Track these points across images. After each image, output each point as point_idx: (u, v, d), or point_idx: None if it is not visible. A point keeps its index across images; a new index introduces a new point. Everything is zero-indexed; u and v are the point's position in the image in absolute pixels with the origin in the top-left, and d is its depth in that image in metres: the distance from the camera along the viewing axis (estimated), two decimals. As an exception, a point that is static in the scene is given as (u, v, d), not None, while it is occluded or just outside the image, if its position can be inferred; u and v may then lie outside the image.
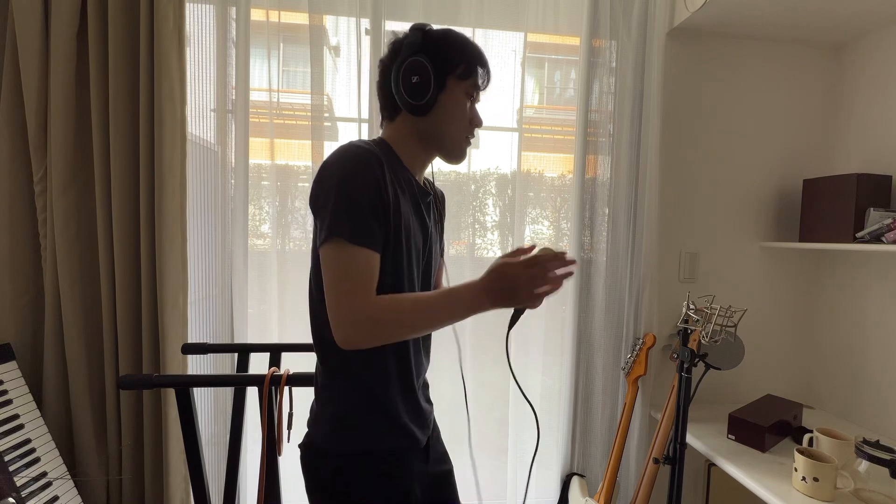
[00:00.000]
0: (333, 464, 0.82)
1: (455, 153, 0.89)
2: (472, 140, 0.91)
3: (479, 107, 0.91)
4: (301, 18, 1.47)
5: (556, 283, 0.76)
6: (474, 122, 0.89)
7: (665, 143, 1.64)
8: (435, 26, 0.86)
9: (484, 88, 0.90)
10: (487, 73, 0.89)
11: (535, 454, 0.98)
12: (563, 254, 0.77)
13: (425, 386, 0.96)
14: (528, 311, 0.85)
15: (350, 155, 0.76)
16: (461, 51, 0.84)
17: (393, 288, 0.81)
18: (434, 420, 0.99)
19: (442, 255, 1.04)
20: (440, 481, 0.97)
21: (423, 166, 0.92)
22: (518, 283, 0.75)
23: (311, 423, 0.86)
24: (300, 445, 0.86)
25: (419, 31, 0.83)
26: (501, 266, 0.76)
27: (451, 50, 0.84)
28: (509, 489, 1.67)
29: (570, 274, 0.78)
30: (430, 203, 0.93)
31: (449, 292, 0.77)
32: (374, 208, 0.75)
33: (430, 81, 0.80)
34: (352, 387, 0.83)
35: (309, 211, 1.51)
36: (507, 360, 0.89)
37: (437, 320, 0.77)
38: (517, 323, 0.86)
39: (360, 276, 0.74)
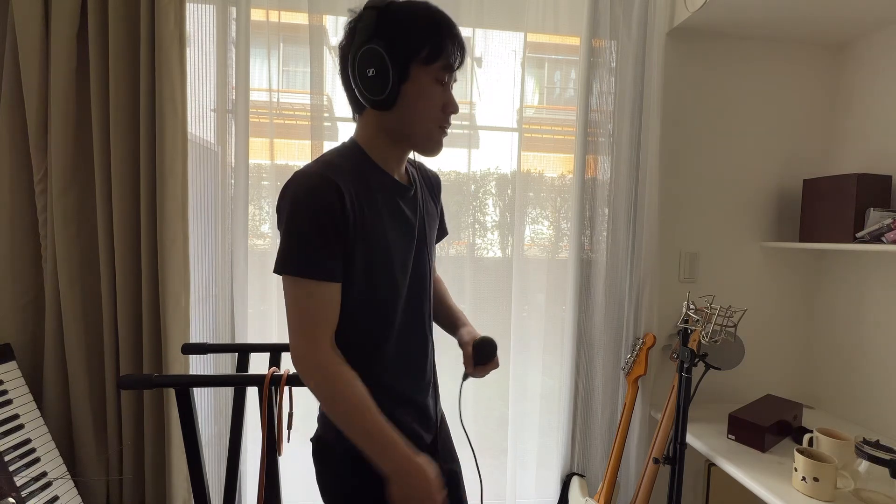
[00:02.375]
0: (341, 459, 0.83)
1: (428, 147, 0.81)
2: (447, 129, 0.81)
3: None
4: (301, 18, 1.47)
5: None
6: (448, 108, 0.78)
7: (665, 143, 1.64)
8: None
9: (458, 67, 0.78)
10: (460, 48, 0.76)
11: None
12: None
13: (433, 384, 0.96)
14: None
15: (300, 184, 0.72)
16: (424, 31, 0.72)
17: (385, 303, 0.80)
18: (443, 416, 1.00)
19: (441, 239, 1.04)
20: (448, 480, 0.96)
21: (400, 162, 0.85)
22: (424, 497, 0.72)
23: (321, 418, 0.87)
24: (312, 439, 0.87)
25: (373, 9, 0.72)
26: (418, 471, 0.72)
27: (411, 31, 0.72)
28: (509, 489, 1.67)
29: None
30: (414, 196, 0.87)
31: (384, 439, 0.72)
32: (328, 240, 0.71)
33: (388, 73, 0.70)
34: None
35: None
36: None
37: (355, 436, 0.73)
38: None
39: (316, 315, 0.72)
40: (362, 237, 0.75)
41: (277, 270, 0.73)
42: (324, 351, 0.72)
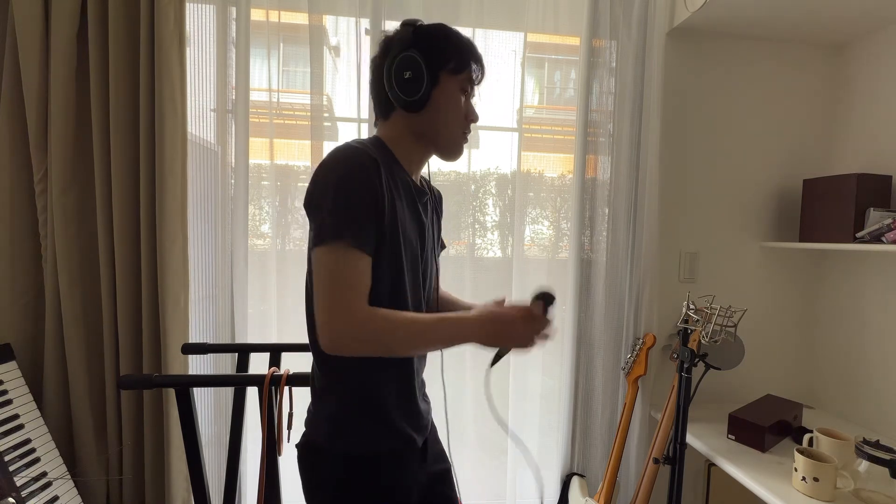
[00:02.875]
0: (330, 464, 0.82)
1: (451, 150, 0.88)
2: (468, 136, 0.90)
3: (479, 105, 0.91)
4: (301, 18, 1.47)
5: (542, 340, 0.82)
6: (469, 116, 0.88)
7: (665, 143, 1.64)
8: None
9: (478, 83, 0.89)
10: (481, 67, 0.88)
11: None
12: (549, 321, 0.83)
13: (422, 384, 0.96)
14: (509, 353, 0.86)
15: (346, 156, 0.75)
16: (453, 45, 0.83)
17: (392, 294, 0.80)
18: (431, 419, 0.99)
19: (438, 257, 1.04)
20: (438, 480, 0.97)
21: (420, 165, 0.90)
22: (514, 330, 0.79)
23: (309, 423, 0.86)
24: (298, 445, 0.86)
25: (410, 26, 0.82)
26: (497, 311, 0.79)
27: (443, 44, 0.82)
28: (509, 489, 1.67)
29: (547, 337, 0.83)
30: (427, 202, 0.92)
31: (444, 319, 0.77)
32: (369, 212, 0.74)
33: (422, 77, 0.79)
34: (348, 389, 0.82)
35: (307, 211, 1.52)
36: (486, 393, 0.94)
37: (427, 343, 0.78)
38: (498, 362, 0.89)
39: (353, 281, 0.73)
40: (389, 223, 0.78)
41: (317, 243, 0.73)
42: (362, 309, 0.73)
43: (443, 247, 1.06)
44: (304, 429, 0.86)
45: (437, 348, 0.80)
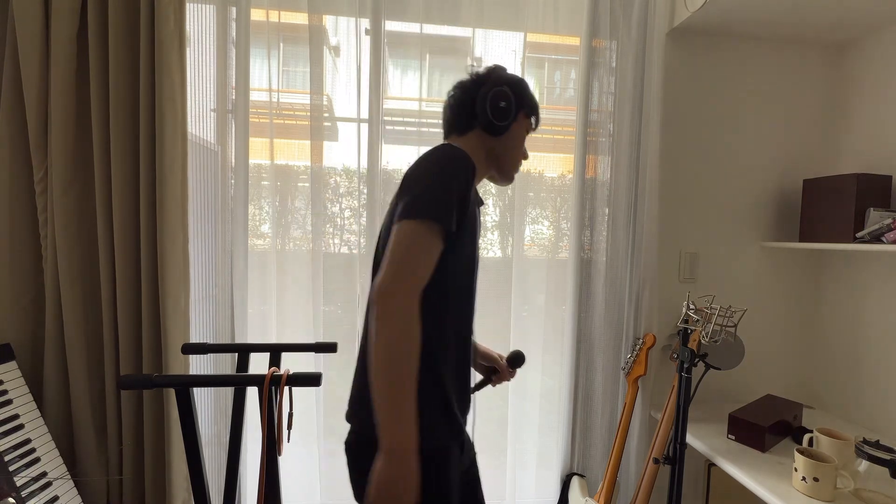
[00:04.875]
0: None
1: (509, 175, 1.03)
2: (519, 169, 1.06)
3: None
4: (301, 18, 1.47)
5: None
6: (525, 154, 1.05)
7: (665, 143, 1.64)
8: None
9: (535, 129, 1.06)
10: (538, 120, 1.05)
11: None
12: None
13: None
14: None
15: (455, 154, 0.85)
16: (530, 95, 1.01)
17: (467, 289, 0.90)
18: None
19: None
20: (471, 466, 1.02)
21: (480, 180, 1.03)
22: (395, 494, 0.72)
23: (356, 415, 0.87)
24: (348, 442, 0.88)
25: (502, 68, 1.00)
26: (402, 474, 0.72)
27: (526, 91, 1.00)
28: (509, 489, 1.67)
29: None
30: (481, 214, 1.04)
31: (403, 413, 0.73)
32: (458, 208, 0.82)
33: (511, 108, 0.95)
34: (419, 377, 0.83)
35: (309, 210, 1.53)
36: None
37: (390, 390, 0.73)
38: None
39: (420, 262, 0.78)
40: (470, 224, 0.88)
41: (405, 216, 0.78)
42: (414, 298, 0.76)
43: None
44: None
45: (380, 402, 0.74)
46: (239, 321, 1.49)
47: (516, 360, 1.14)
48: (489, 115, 0.94)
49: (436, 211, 0.78)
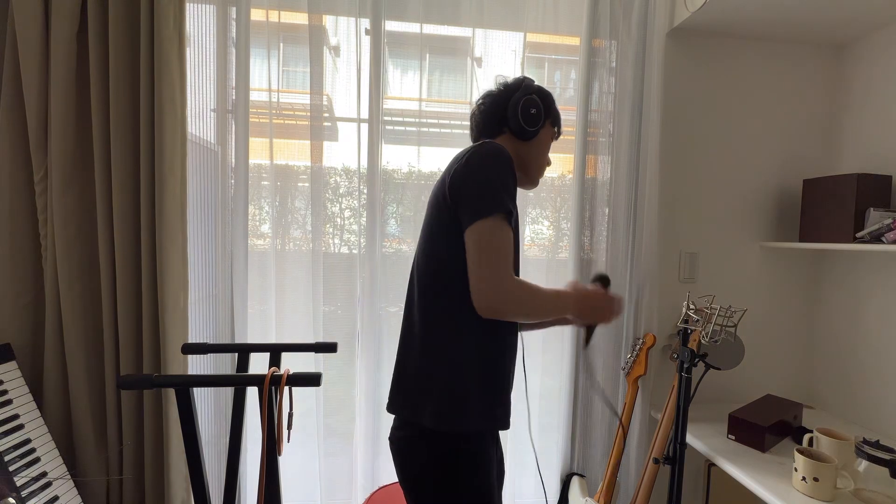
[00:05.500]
0: (444, 447, 0.88)
1: (534, 179, 1.09)
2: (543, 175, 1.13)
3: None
4: (301, 18, 1.47)
5: (618, 316, 1.02)
6: (549, 160, 1.10)
7: (665, 143, 1.64)
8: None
9: (557, 138, 1.12)
10: (560, 132, 1.11)
11: None
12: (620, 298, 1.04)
13: None
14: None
15: (498, 149, 0.90)
16: (556, 107, 1.07)
17: (516, 270, 0.96)
18: None
19: None
20: (500, 462, 1.05)
21: None
22: (602, 307, 0.97)
23: (413, 406, 0.90)
24: (398, 442, 0.92)
25: (531, 80, 1.05)
26: (590, 291, 0.97)
27: (551, 101, 1.06)
28: (508, 489, 1.67)
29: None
30: None
31: (559, 292, 0.92)
32: (513, 198, 0.90)
33: (541, 115, 1.01)
34: (475, 364, 0.90)
35: (309, 211, 1.53)
36: (590, 373, 1.08)
37: (549, 311, 0.89)
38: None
39: (506, 251, 0.85)
40: (515, 216, 0.94)
41: (476, 217, 0.85)
42: (512, 277, 0.86)
43: None
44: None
45: (547, 316, 0.90)
46: (239, 321, 1.49)
47: (604, 279, 1.08)
48: (520, 121, 0.99)
49: (499, 204, 0.86)
